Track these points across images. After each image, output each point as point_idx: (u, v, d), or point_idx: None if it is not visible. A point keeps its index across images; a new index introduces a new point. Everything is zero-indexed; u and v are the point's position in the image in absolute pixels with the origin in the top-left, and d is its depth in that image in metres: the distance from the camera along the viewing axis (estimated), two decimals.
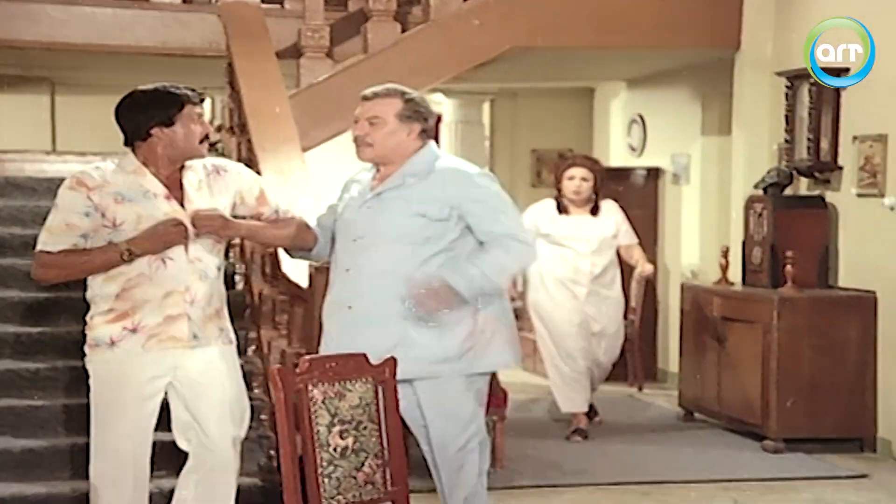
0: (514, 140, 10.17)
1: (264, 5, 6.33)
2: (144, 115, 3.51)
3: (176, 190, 3.58)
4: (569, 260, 6.27)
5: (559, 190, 6.32)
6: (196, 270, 3.56)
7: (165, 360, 3.56)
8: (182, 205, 3.56)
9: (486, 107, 10.05)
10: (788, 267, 6.23)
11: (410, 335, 3.65)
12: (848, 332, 6.15)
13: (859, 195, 6.24)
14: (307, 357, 3.38)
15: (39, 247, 3.52)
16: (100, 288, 3.55)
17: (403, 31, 6.48)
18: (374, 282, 3.66)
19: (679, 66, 8.01)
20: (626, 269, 6.65)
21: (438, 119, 10.02)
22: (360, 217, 3.74)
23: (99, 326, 3.55)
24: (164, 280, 3.52)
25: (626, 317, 6.79)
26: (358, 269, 3.67)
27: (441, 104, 9.82)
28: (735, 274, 6.77)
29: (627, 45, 6.92)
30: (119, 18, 6.27)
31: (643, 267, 6.50)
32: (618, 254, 6.44)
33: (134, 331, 3.52)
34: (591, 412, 6.56)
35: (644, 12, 6.74)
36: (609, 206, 6.40)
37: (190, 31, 6.33)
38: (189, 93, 3.57)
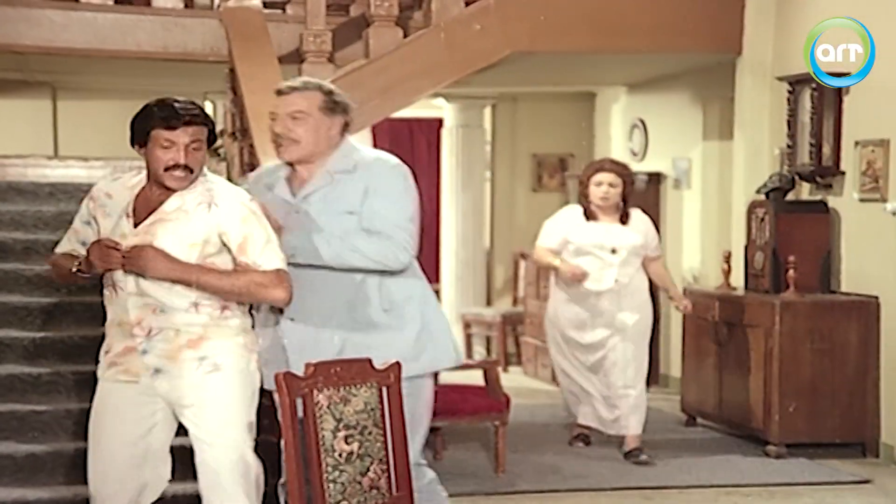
0: (514, 144, 10.18)
1: (266, 10, 6.34)
2: (132, 130, 3.38)
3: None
4: (593, 270, 5.96)
5: (586, 196, 6.03)
6: (147, 304, 3.36)
7: (132, 388, 3.41)
8: (136, 225, 3.38)
9: (487, 111, 10.06)
10: (790, 272, 6.24)
11: (355, 341, 3.55)
12: (850, 336, 6.15)
13: (861, 200, 6.24)
14: (312, 362, 3.38)
15: None
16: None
17: (405, 36, 6.47)
18: (314, 289, 3.53)
19: (680, 71, 8.02)
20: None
21: (439, 123, 10.05)
22: (291, 223, 3.54)
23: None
24: (116, 308, 3.40)
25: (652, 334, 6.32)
26: (295, 277, 3.45)
27: (442, 109, 9.83)
28: (737, 278, 6.77)
29: (628, 49, 6.91)
30: (120, 23, 6.27)
31: (683, 303, 6.23)
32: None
33: (107, 353, 3.47)
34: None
35: (645, 16, 6.74)
36: (638, 215, 6.11)
37: (191, 35, 6.32)
38: (166, 115, 3.30)
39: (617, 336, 6.00)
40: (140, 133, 3.33)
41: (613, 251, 5.94)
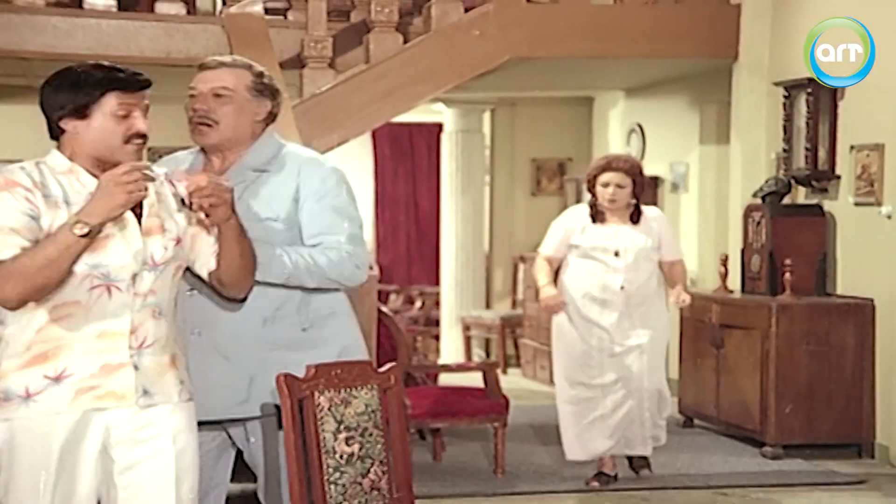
0: (513, 149, 10.23)
1: (267, 16, 6.38)
2: (54, 102, 2.65)
3: None
4: (598, 275, 5.38)
5: (593, 196, 5.45)
6: (148, 305, 2.67)
7: (99, 423, 2.63)
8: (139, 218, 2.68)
9: (486, 116, 10.11)
10: (787, 275, 6.28)
11: (273, 361, 3.08)
12: (845, 339, 6.20)
13: (856, 204, 6.29)
14: (313, 364, 3.42)
15: None
16: (16, 318, 2.63)
17: (405, 41, 6.52)
18: (225, 303, 3.03)
19: (677, 76, 8.07)
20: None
21: (439, 128, 10.10)
22: None
23: (10, 373, 2.61)
24: (104, 313, 2.61)
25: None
26: (202, 288, 2.97)
27: (442, 113, 9.88)
28: (734, 281, 6.82)
29: (626, 54, 6.96)
30: (123, 29, 6.32)
31: (679, 296, 5.45)
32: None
33: (58, 380, 2.60)
34: (636, 461, 5.71)
35: (642, 22, 6.79)
36: (652, 214, 5.55)
37: (194, 41, 6.36)
38: (120, 75, 2.66)
39: (630, 381, 5.40)
40: (75, 104, 2.62)
41: (616, 254, 5.38)
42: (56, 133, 2.69)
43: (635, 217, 5.45)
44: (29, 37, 6.21)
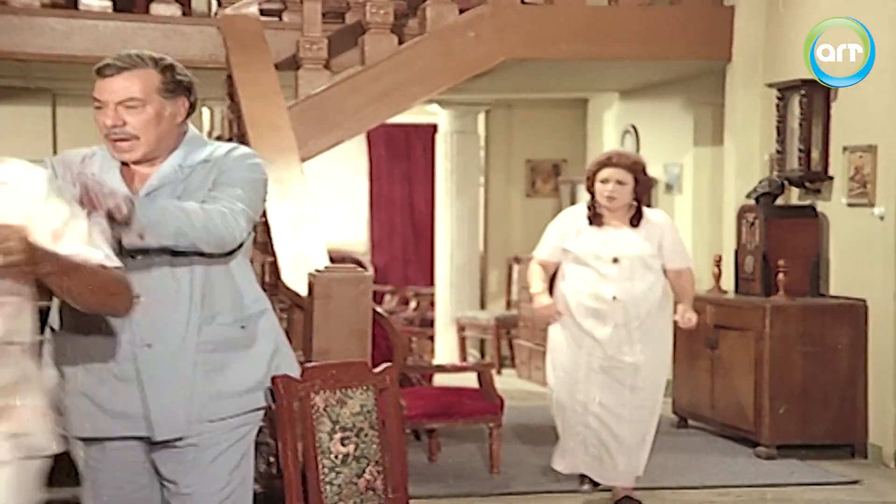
0: (508, 150, 10.26)
1: (263, 18, 6.41)
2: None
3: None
4: (590, 283, 4.97)
5: (592, 195, 5.03)
6: None
7: None
8: None
9: (482, 117, 10.13)
10: (780, 275, 6.31)
11: (214, 362, 2.84)
12: (839, 339, 6.23)
13: (849, 205, 6.32)
14: (309, 365, 3.43)
15: None
16: None
17: (400, 43, 6.54)
18: (159, 313, 2.77)
19: (671, 78, 8.11)
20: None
21: (434, 129, 10.12)
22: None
23: None
24: None
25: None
26: (142, 290, 2.67)
27: (437, 115, 9.90)
28: (728, 282, 6.85)
29: (621, 56, 6.99)
30: (121, 31, 6.34)
31: (683, 315, 5.06)
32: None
33: None
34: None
35: (637, 24, 6.82)
36: (656, 217, 5.09)
37: (190, 43, 6.39)
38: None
39: (617, 402, 5.03)
40: None
41: (615, 260, 4.94)
42: None
43: (636, 220, 4.97)
44: (28, 38, 6.23)
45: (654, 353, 4.98)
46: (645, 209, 5.01)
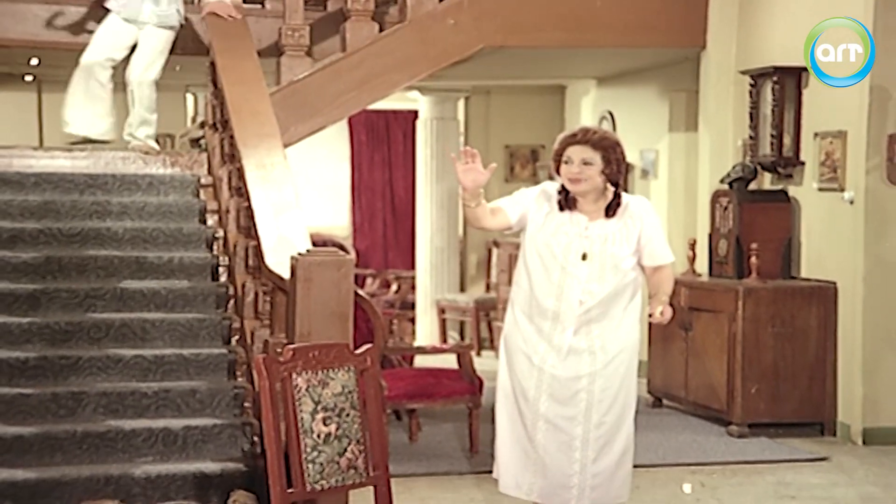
0: (487, 136, 10.34)
1: (245, 5, 6.45)
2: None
3: None
4: (551, 280, 3.95)
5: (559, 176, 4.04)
6: None
7: None
8: None
9: (461, 104, 10.20)
10: (753, 258, 6.43)
11: None
12: (809, 321, 6.36)
13: (820, 189, 6.44)
14: (291, 346, 3.51)
15: None
16: None
17: (381, 30, 6.60)
18: None
19: (647, 65, 8.20)
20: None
21: (414, 115, 10.19)
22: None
23: None
24: None
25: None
26: None
27: (417, 101, 9.97)
28: (702, 265, 6.97)
29: (597, 44, 7.07)
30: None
31: (656, 308, 3.90)
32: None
33: None
34: None
35: (613, 13, 6.90)
36: (636, 206, 4.03)
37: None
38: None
39: (575, 413, 3.99)
40: None
41: (584, 257, 3.93)
42: None
43: (612, 210, 3.97)
44: (10, 25, 6.27)
45: (618, 355, 3.98)
46: (625, 196, 4.04)
